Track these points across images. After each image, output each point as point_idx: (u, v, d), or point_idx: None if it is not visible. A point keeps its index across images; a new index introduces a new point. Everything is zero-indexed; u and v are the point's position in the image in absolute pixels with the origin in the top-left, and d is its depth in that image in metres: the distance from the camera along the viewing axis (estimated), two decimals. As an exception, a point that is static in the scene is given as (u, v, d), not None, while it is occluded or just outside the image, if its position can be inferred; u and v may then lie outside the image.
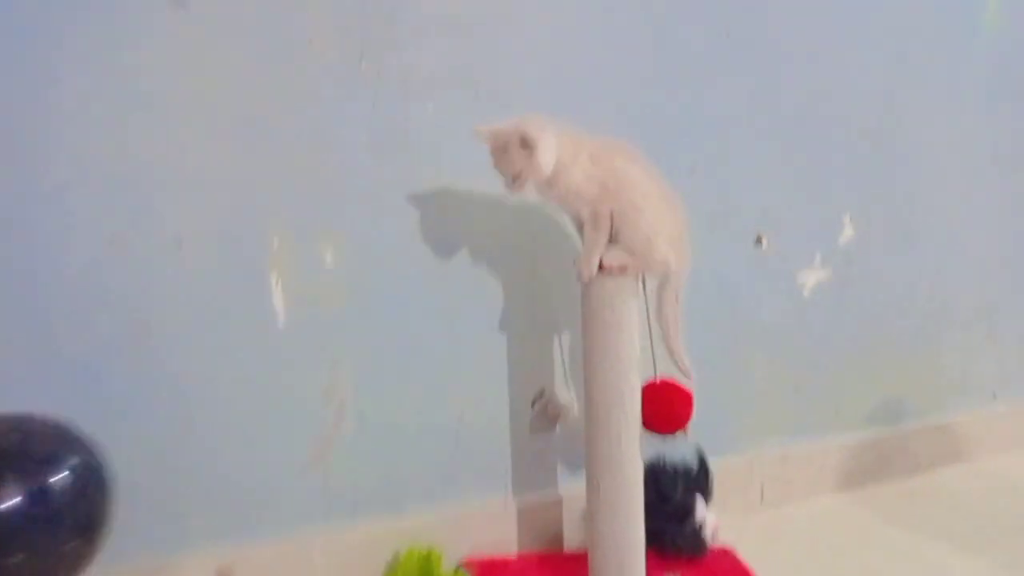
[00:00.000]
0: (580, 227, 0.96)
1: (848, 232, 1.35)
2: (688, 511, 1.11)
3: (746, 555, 1.10)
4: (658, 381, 0.99)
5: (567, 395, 1.13)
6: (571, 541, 1.13)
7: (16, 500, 0.70)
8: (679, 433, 1.03)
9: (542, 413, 1.13)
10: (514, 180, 0.89)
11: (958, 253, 1.46)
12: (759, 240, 1.28)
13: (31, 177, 0.86)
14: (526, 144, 0.87)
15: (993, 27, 1.44)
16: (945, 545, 1.17)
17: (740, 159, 1.24)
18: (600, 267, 0.92)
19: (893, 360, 1.41)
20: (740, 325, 1.27)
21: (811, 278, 1.33)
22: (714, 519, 1.13)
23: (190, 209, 0.93)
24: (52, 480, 0.73)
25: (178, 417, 0.95)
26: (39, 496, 0.72)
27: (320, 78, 0.98)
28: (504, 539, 1.11)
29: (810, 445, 1.33)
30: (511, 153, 0.88)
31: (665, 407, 0.98)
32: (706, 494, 1.15)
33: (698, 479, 1.16)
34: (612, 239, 0.92)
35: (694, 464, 1.16)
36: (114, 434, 0.82)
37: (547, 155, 0.88)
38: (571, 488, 1.11)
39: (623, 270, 0.92)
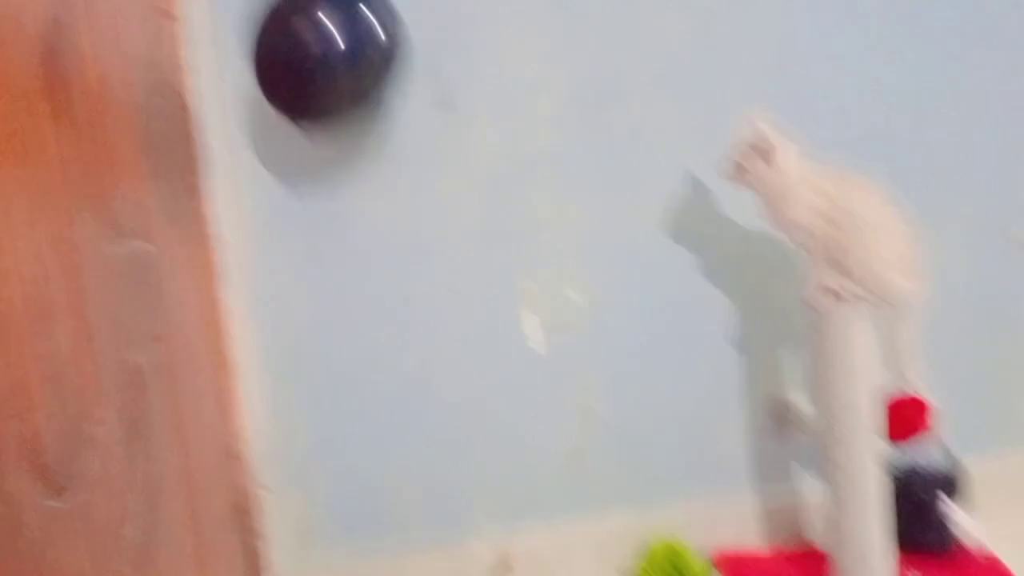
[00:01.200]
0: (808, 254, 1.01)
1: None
2: (931, 508, 1.12)
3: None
4: (895, 399, 1.02)
5: (806, 407, 1.18)
6: (814, 538, 1.19)
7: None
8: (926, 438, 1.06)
9: (781, 420, 1.20)
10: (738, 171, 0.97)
11: None
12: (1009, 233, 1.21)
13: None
14: (765, 154, 0.95)
15: None
16: None
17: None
18: (830, 293, 0.97)
19: None
20: (1000, 325, 1.22)
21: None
22: (970, 521, 1.13)
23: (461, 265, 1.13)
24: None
25: (462, 427, 1.17)
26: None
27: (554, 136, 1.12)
28: (747, 535, 1.21)
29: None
30: (745, 151, 0.96)
31: (902, 421, 1.01)
32: (956, 495, 1.15)
33: (948, 481, 1.15)
34: (840, 269, 0.96)
35: (948, 470, 1.16)
36: (416, 438, 1.06)
37: (779, 171, 0.95)
38: (813, 487, 1.17)
39: (849, 297, 0.96)
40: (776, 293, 1.17)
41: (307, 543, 1.16)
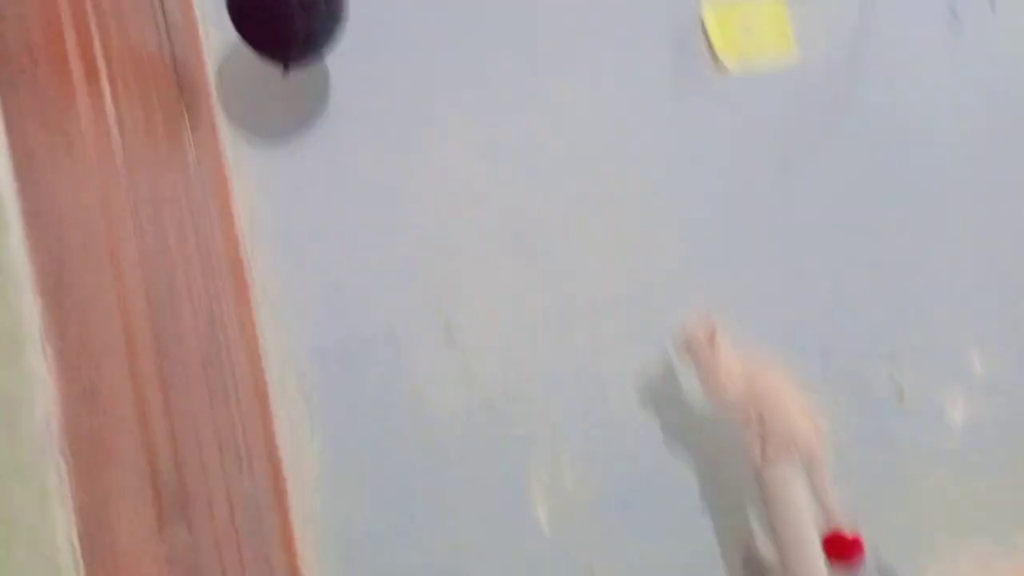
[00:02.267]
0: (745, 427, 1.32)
1: (979, 368, 1.58)
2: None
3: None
4: (830, 534, 1.29)
5: (770, 554, 1.42)
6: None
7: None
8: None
9: (752, 568, 1.44)
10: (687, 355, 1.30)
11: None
12: (900, 394, 1.55)
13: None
14: (711, 339, 1.28)
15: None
16: None
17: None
18: (764, 457, 1.27)
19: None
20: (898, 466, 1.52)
21: (956, 414, 1.56)
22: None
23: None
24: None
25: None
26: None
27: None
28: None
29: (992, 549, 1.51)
30: (694, 343, 1.29)
31: (839, 553, 1.28)
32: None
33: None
34: (765, 434, 1.28)
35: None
36: None
37: (719, 352, 1.28)
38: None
39: (775, 454, 1.26)
40: (738, 458, 1.45)
41: None
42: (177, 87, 1.09)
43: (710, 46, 1.54)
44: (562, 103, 1.50)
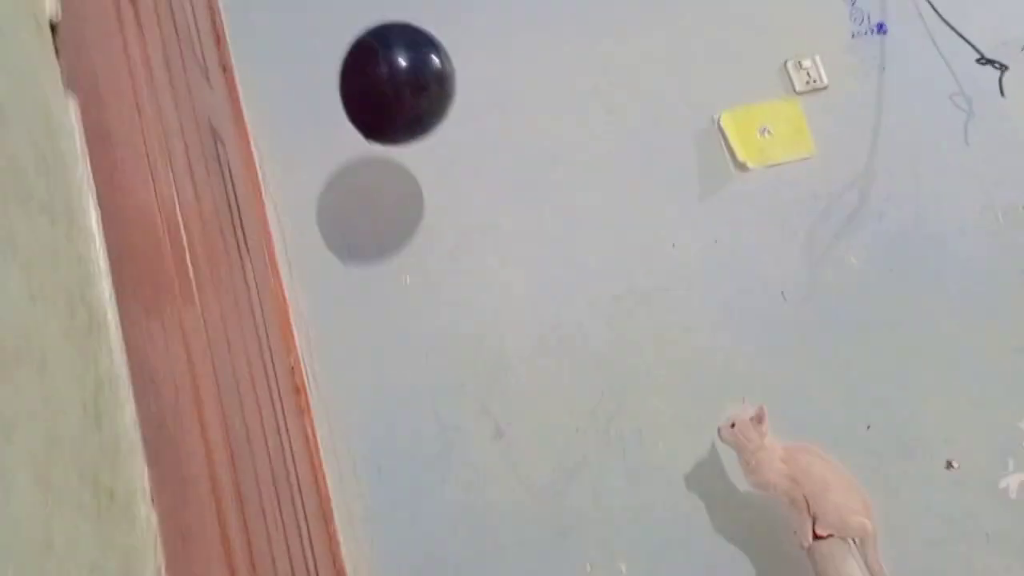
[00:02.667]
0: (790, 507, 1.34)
1: (1030, 434, 1.58)
2: None
3: None
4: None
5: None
6: None
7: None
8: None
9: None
10: (731, 430, 1.33)
11: None
12: (950, 464, 1.55)
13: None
14: (760, 419, 1.31)
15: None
16: None
17: (908, 399, 1.57)
18: (815, 536, 1.29)
19: None
20: (957, 539, 1.51)
21: (1013, 482, 1.55)
22: None
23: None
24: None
25: None
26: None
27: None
28: None
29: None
30: (742, 423, 1.32)
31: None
32: None
33: None
34: (814, 513, 1.30)
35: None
36: None
37: (762, 436, 1.31)
38: None
39: (831, 536, 1.28)
40: (787, 541, 1.47)
41: None
42: (238, 226, 1.21)
43: (729, 149, 1.64)
44: (592, 207, 1.60)
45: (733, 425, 1.34)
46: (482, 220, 1.58)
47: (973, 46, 1.68)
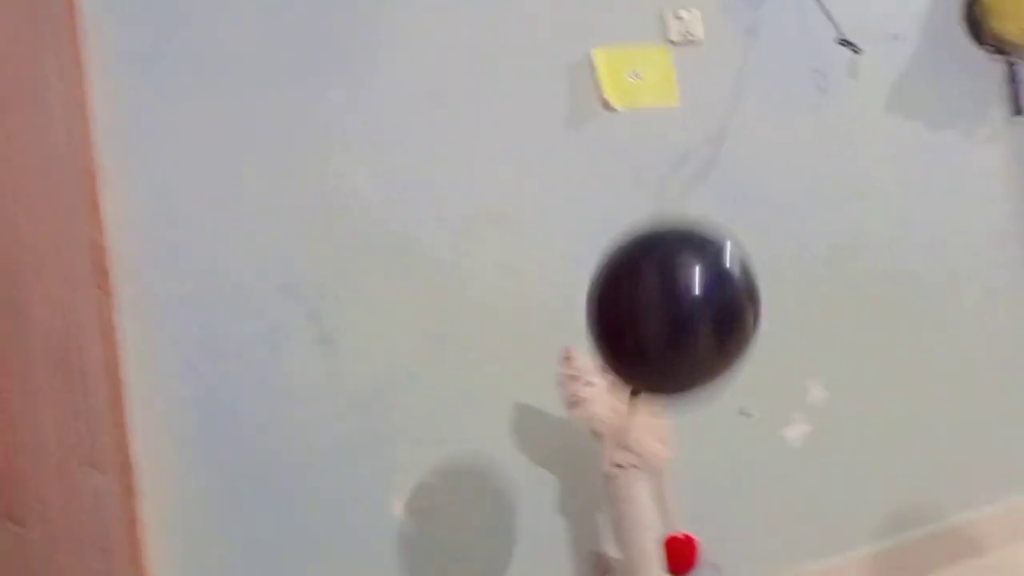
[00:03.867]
0: (598, 437, 1.41)
1: (816, 392, 1.74)
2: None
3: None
4: (674, 535, 1.40)
5: (615, 555, 1.53)
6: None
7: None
8: (707, 564, 1.44)
9: (597, 569, 1.55)
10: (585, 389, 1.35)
11: (918, 386, 1.83)
12: (743, 412, 1.69)
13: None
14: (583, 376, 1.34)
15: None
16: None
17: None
18: (615, 465, 1.37)
19: (881, 485, 1.76)
20: (738, 479, 1.67)
21: (793, 432, 1.72)
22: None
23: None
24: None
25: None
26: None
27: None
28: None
29: (817, 567, 1.68)
30: (570, 378, 1.35)
31: (679, 555, 1.39)
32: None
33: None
34: (620, 446, 1.38)
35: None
36: None
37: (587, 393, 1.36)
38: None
39: (630, 467, 1.36)
40: (589, 469, 1.55)
41: None
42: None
43: (598, 87, 1.63)
44: (455, 124, 1.55)
45: (562, 360, 1.38)
46: (337, 119, 1.48)
47: (836, 25, 1.75)
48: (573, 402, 1.39)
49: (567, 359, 1.38)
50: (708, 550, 1.45)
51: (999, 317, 1.90)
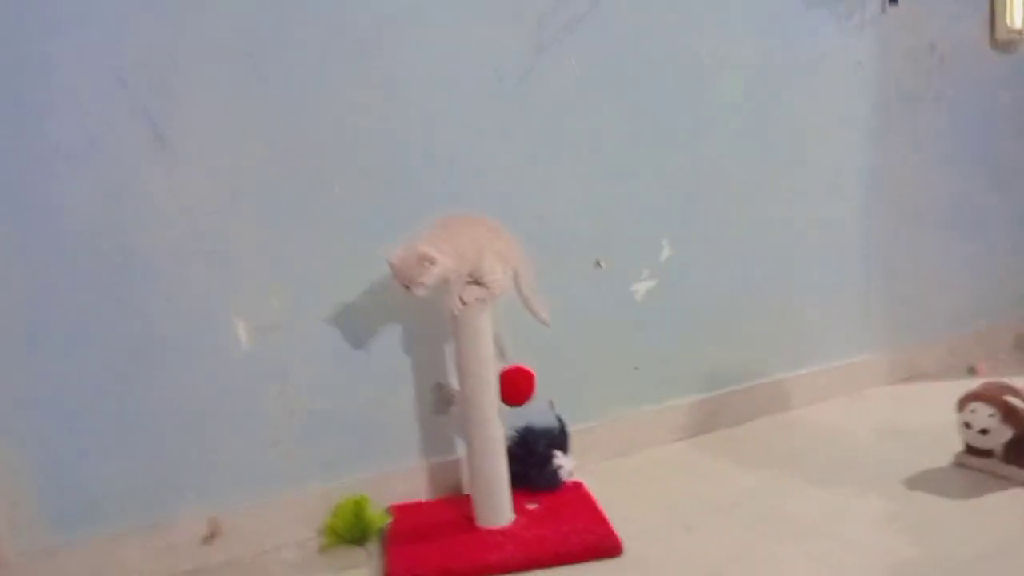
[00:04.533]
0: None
1: (667, 252, 1.82)
2: (548, 460, 1.57)
3: (595, 490, 1.56)
4: (509, 367, 1.45)
5: (456, 385, 1.57)
6: (467, 489, 1.58)
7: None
8: (541, 403, 1.51)
9: (441, 399, 1.58)
10: (419, 287, 1.31)
11: (757, 257, 1.94)
12: (598, 263, 1.74)
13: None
14: (431, 260, 1.30)
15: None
16: (760, 473, 1.65)
17: (576, 201, 1.71)
18: (462, 302, 1.37)
19: (713, 341, 1.89)
20: (586, 325, 1.73)
21: (641, 288, 1.80)
22: (570, 463, 1.59)
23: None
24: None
25: (178, 414, 1.38)
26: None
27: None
28: (417, 491, 1.56)
29: (649, 409, 1.81)
30: (414, 271, 1.30)
31: (515, 385, 1.44)
32: (564, 447, 1.61)
33: (558, 437, 1.62)
34: (472, 280, 1.38)
35: (556, 427, 1.62)
36: (132, 425, 1.26)
37: (439, 264, 1.32)
38: (463, 449, 1.56)
39: (477, 301, 1.37)
40: (437, 310, 1.55)
41: (19, 527, 1.28)
42: None
43: None
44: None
45: (411, 284, 1.32)
46: None
47: None
48: (417, 286, 1.34)
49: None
50: (544, 387, 1.51)
51: (838, 198, 2.03)
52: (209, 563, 1.40)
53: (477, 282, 1.39)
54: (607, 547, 1.33)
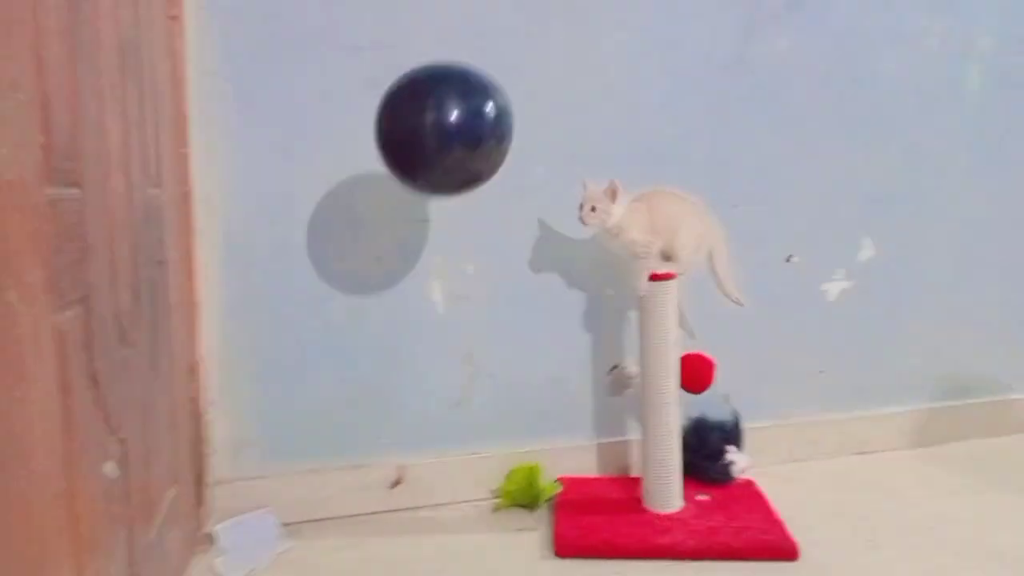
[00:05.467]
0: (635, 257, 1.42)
1: (868, 251, 1.71)
2: (721, 452, 1.54)
3: (768, 492, 1.50)
4: (691, 353, 1.43)
5: (635, 368, 1.57)
6: (636, 470, 1.59)
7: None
8: (718, 394, 1.49)
9: (617, 381, 1.60)
10: (589, 211, 1.34)
11: (972, 265, 1.77)
12: (789, 258, 1.67)
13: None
14: (613, 194, 1.34)
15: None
16: (963, 498, 1.52)
17: (774, 194, 1.65)
18: (651, 278, 1.38)
19: (908, 351, 1.75)
20: (775, 324, 1.67)
21: (834, 288, 1.70)
22: (743, 461, 1.55)
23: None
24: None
25: (377, 370, 1.50)
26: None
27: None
28: (588, 467, 1.59)
29: (834, 416, 1.71)
30: (596, 196, 1.34)
31: (695, 371, 1.43)
32: (737, 443, 1.57)
33: (732, 431, 1.58)
34: (664, 256, 1.38)
35: (730, 421, 1.59)
36: (339, 376, 1.39)
37: (620, 207, 1.35)
38: (637, 435, 1.56)
39: (669, 276, 1.37)
40: (612, 283, 1.57)
41: (241, 454, 1.45)
42: None
43: None
44: None
45: (593, 209, 1.35)
46: None
47: None
48: (611, 237, 1.38)
49: (592, 211, 1.36)
50: (722, 380, 1.48)
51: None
52: (391, 507, 1.51)
53: (669, 258, 1.39)
54: (783, 548, 1.29)
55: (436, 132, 1.19)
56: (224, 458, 1.44)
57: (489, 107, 1.22)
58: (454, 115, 1.19)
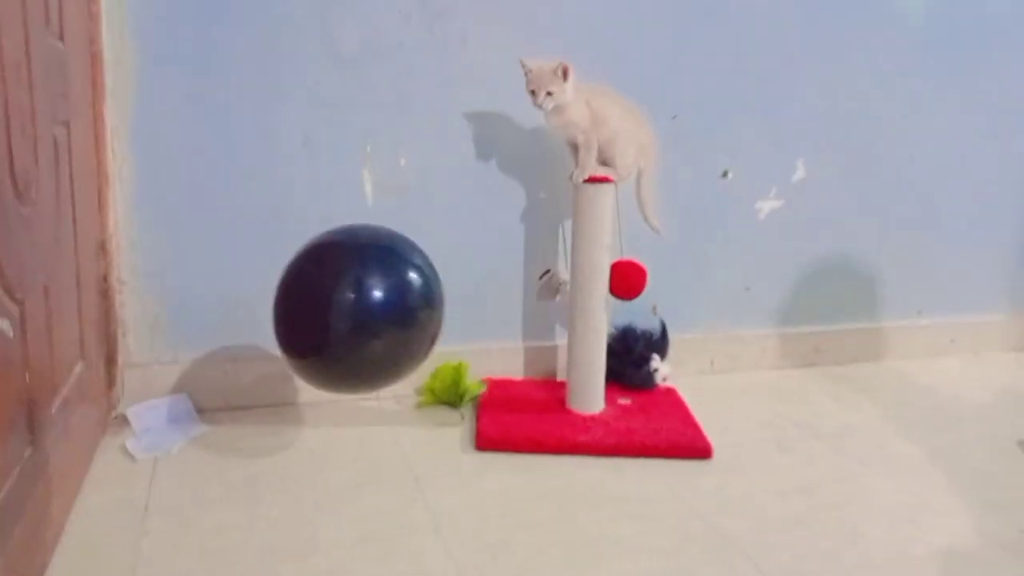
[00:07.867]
0: (574, 149, 1.39)
1: (800, 173, 1.73)
2: (645, 360, 1.57)
3: (688, 399, 1.54)
4: (623, 260, 1.43)
5: (565, 274, 1.57)
6: (562, 375, 1.60)
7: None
8: (647, 304, 1.50)
9: (548, 287, 1.59)
10: (545, 96, 1.29)
11: (899, 191, 1.82)
12: (725, 174, 1.68)
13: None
14: (564, 73, 1.28)
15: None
16: (863, 412, 1.60)
17: (713, 109, 1.64)
18: (588, 179, 1.36)
19: (832, 274, 1.81)
20: (706, 237, 1.69)
21: (766, 206, 1.72)
22: (665, 369, 1.58)
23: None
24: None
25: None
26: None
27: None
28: (513, 370, 1.60)
29: (755, 331, 1.77)
30: (547, 77, 1.28)
31: (626, 278, 1.43)
32: (662, 352, 1.60)
33: (658, 341, 1.61)
34: (600, 160, 1.36)
35: (657, 330, 1.62)
36: (262, 259, 1.34)
37: (571, 85, 1.31)
38: (564, 339, 1.57)
39: (604, 179, 1.36)
40: (551, 188, 1.55)
41: (158, 337, 1.40)
42: None
43: None
44: None
45: (550, 93, 1.29)
46: None
47: None
48: (554, 112, 1.33)
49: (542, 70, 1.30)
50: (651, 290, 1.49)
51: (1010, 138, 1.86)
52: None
53: (605, 163, 1.37)
54: (696, 447, 1.33)
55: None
56: (138, 340, 1.38)
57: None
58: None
